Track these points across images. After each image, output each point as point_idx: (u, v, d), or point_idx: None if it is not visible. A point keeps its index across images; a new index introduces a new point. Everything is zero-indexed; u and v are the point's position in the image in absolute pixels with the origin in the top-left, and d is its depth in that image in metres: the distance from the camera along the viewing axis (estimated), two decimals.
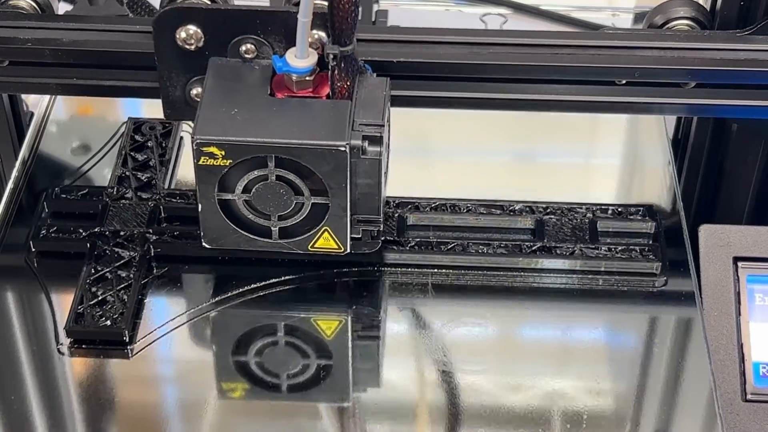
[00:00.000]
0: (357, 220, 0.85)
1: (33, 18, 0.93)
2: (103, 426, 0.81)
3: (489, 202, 0.94)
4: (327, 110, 0.82)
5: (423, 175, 1.00)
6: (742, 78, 0.90)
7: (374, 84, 0.85)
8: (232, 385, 0.84)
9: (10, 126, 1.05)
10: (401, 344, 0.87)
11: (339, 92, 0.83)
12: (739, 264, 0.92)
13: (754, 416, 0.88)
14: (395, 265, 0.91)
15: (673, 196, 0.98)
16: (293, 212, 0.84)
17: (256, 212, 0.84)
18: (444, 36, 0.90)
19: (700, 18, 0.96)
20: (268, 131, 0.81)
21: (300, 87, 0.84)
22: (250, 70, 0.85)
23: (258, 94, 0.83)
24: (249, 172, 0.82)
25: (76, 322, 0.85)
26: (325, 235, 0.85)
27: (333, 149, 0.80)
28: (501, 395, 0.83)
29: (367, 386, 0.84)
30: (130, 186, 0.95)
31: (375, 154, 0.82)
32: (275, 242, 0.85)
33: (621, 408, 0.83)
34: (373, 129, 0.82)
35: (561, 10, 1.24)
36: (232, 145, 0.80)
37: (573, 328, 0.88)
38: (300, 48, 0.82)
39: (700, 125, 1.05)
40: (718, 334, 0.90)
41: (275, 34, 0.85)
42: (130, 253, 0.90)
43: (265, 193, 0.83)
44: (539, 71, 0.90)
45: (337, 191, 0.82)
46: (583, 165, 1.05)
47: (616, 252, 0.91)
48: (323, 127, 0.81)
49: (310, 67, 0.83)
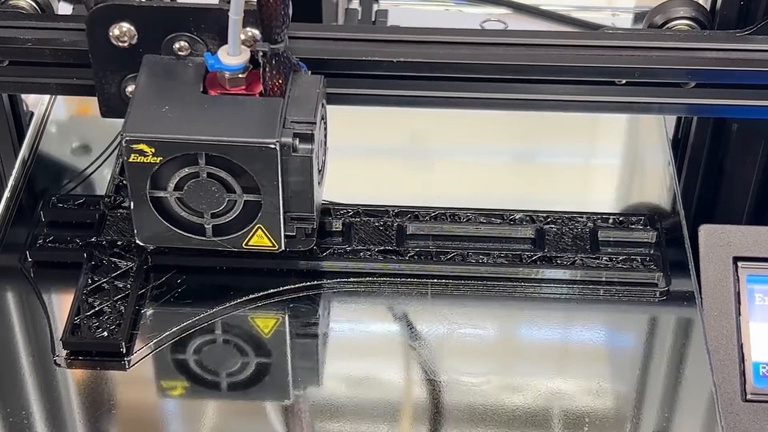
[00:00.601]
0: (291, 217, 0.85)
1: (33, 18, 0.93)
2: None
3: (489, 211, 0.93)
4: (258, 107, 0.82)
5: (422, 177, 0.99)
6: (742, 78, 0.90)
7: (308, 82, 0.85)
8: (230, 395, 0.83)
9: (10, 126, 1.05)
10: (400, 353, 0.86)
11: (271, 90, 0.83)
12: (739, 264, 0.92)
13: (754, 416, 0.88)
14: (395, 275, 0.90)
15: (673, 196, 0.98)
16: (226, 210, 0.84)
17: (189, 210, 0.84)
18: (444, 36, 0.90)
19: (700, 18, 0.96)
20: (198, 128, 0.81)
21: (233, 84, 0.84)
22: (184, 67, 0.85)
23: (190, 91, 0.83)
24: (180, 169, 0.82)
25: (73, 333, 0.84)
26: (259, 233, 0.85)
27: (263, 146, 0.80)
28: (501, 395, 0.83)
29: (365, 392, 0.83)
30: (127, 195, 0.94)
31: (306, 151, 0.81)
32: (209, 240, 0.85)
33: (621, 408, 0.83)
34: (304, 126, 0.81)
35: (561, 10, 1.24)
36: (161, 142, 0.80)
37: (573, 329, 0.88)
38: (232, 45, 0.82)
39: (700, 125, 1.05)
40: (718, 334, 0.90)
41: (209, 32, 0.85)
42: (127, 263, 0.89)
43: (197, 190, 0.83)
44: (539, 71, 0.90)
45: (268, 189, 0.82)
46: (583, 165, 1.05)
47: (617, 262, 0.91)
48: (254, 125, 0.81)
49: (242, 64, 0.83)
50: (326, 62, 0.88)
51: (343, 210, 0.93)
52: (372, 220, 0.93)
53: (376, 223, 0.93)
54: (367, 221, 0.93)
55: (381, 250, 0.91)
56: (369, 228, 0.93)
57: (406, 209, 0.94)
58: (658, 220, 0.94)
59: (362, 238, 0.92)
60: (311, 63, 0.87)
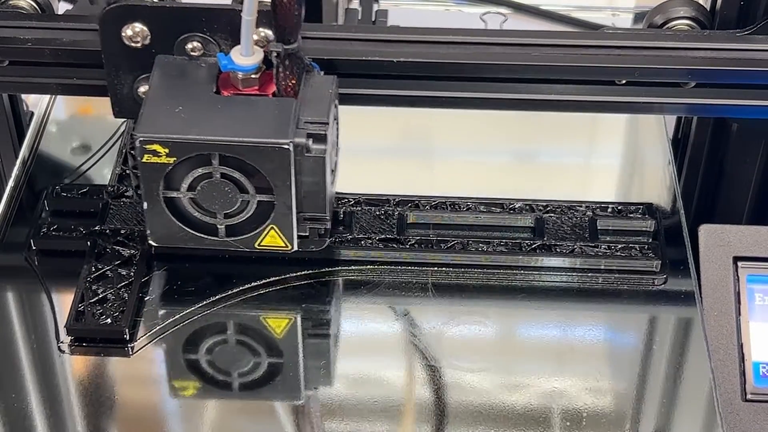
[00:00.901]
0: (303, 218, 0.85)
1: (33, 18, 0.93)
2: (104, 425, 0.81)
3: (489, 200, 0.94)
4: (271, 108, 0.82)
5: (423, 174, 1.00)
6: (742, 78, 0.90)
7: (321, 82, 0.85)
8: (233, 383, 0.84)
9: (10, 126, 1.05)
10: (400, 343, 0.87)
11: (284, 90, 0.83)
12: (739, 264, 0.92)
13: (754, 416, 0.88)
14: (395, 263, 0.91)
15: (673, 195, 0.98)
16: (239, 210, 0.84)
17: (202, 210, 0.84)
18: (444, 36, 0.90)
19: (700, 18, 0.96)
20: (212, 129, 0.81)
21: (246, 85, 0.84)
22: (197, 67, 0.85)
23: (203, 91, 0.83)
24: (193, 169, 0.82)
25: (77, 320, 0.85)
26: (272, 233, 0.85)
27: (276, 147, 0.80)
28: (500, 394, 0.83)
29: (362, 385, 0.84)
30: (130, 184, 0.95)
31: (319, 152, 0.81)
32: (222, 240, 0.85)
33: (621, 408, 0.83)
34: (317, 127, 0.81)
35: (561, 10, 1.24)
36: (174, 142, 0.80)
37: (573, 327, 0.88)
38: (245, 46, 0.82)
39: (700, 125, 1.05)
40: (718, 333, 0.90)
41: (221, 32, 0.85)
42: (130, 251, 0.90)
43: (210, 190, 0.83)
44: (539, 71, 0.90)
45: (282, 189, 0.82)
46: (583, 165, 1.05)
47: (615, 250, 0.91)
48: (267, 125, 0.81)
49: (255, 65, 0.83)
50: (331, 62, 0.88)
51: (344, 199, 0.94)
52: (373, 209, 0.94)
53: (377, 212, 0.93)
54: (368, 210, 0.93)
55: (382, 239, 0.91)
56: (370, 217, 0.93)
57: (407, 198, 0.94)
58: (656, 209, 0.94)
59: (363, 226, 0.92)
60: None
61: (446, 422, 0.81)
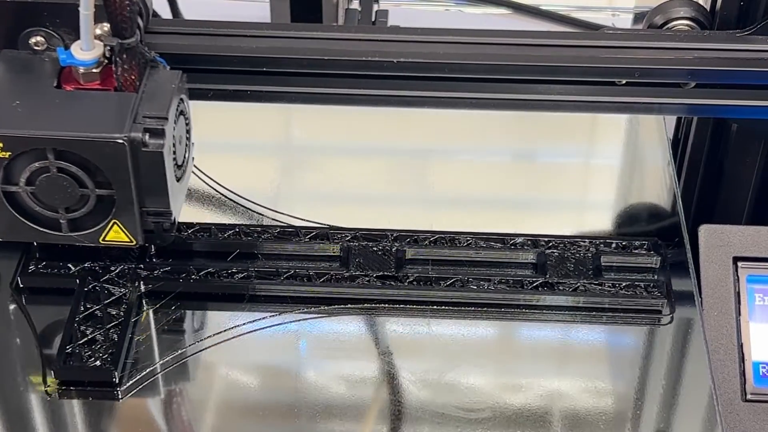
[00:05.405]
0: (147, 212, 0.84)
1: None
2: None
3: (489, 236, 0.91)
4: (110, 103, 0.82)
5: (423, 176, 0.99)
6: (742, 78, 0.90)
7: (165, 77, 0.84)
8: (226, 424, 0.82)
9: None
10: (397, 382, 0.84)
11: (124, 85, 0.83)
12: (738, 264, 0.92)
13: (754, 416, 0.88)
14: (393, 301, 0.88)
15: (673, 196, 0.98)
16: (80, 205, 0.83)
17: (44, 205, 0.83)
18: (444, 36, 0.90)
19: (700, 18, 0.96)
20: (46, 123, 0.81)
21: (87, 79, 0.84)
22: (41, 62, 0.85)
23: (44, 86, 0.83)
24: (30, 164, 0.81)
25: (65, 362, 0.82)
26: (115, 228, 0.84)
27: (111, 142, 0.80)
28: (500, 394, 0.83)
29: (357, 425, 0.82)
30: None
31: (157, 146, 0.81)
32: (66, 235, 0.84)
33: (621, 408, 0.83)
34: (155, 122, 0.81)
35: (561, 10, 1.24)
36: (8, 137, 0.80)
37: (573, 330, 0.88)
38: (84, 40, 0.82)
39: (700, 125, 1.05)
40: (718, 334, 0.90)
41: (65, 27, 0.85)
42: (120, 289, 0.87)
43: (49, 185, 0.82)
44: (539, 71, 0.90)
45: (121, 184, 0.81)
46: (583, 165, 1.05)
47: (620, 288, 0.88)
48: (104, 120, 0.81)
49: (94, 59, 0.83)
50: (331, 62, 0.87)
51: (341, 234, 0.91)
52: (370, 244, 0.90)
53: (375, 248, 0.90)
54: (366, 245, 0.90)
55: (380, 276, 0.88)
56: (368, 253, 0.90)
57: (405, 233, 0.91)
58: (661, 245, 0.91)
59: (360, 263, 0.89)
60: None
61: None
